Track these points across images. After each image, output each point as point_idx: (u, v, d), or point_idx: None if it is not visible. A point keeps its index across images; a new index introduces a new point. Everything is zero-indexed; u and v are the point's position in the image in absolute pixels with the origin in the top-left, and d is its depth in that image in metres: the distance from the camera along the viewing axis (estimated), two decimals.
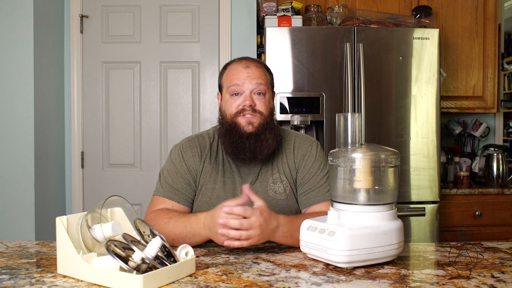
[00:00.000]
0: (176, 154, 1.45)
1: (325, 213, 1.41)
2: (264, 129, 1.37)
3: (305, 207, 1.43)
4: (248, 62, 1.42)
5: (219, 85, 1.49)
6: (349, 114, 1.16)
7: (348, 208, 1.10)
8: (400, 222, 1.12)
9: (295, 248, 1.25)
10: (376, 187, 1.12)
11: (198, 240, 1.22)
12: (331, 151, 1.18)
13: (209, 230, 1.18)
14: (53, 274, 1.02)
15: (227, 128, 1.38)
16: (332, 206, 1.15)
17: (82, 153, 2.77)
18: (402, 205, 2.36)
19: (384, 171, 1.13)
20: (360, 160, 1.11)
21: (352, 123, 1.15)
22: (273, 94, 1.48)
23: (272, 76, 1.48)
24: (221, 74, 1.48)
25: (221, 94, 1.47)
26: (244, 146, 1.35)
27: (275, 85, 1.54)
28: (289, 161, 1.46)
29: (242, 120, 1.37)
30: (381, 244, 1.06)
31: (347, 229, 1.04)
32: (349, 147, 1.15)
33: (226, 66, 1.47)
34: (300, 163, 1.45)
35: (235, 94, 1.38)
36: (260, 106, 1.38)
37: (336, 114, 1.19)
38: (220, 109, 1.46)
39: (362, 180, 1.10)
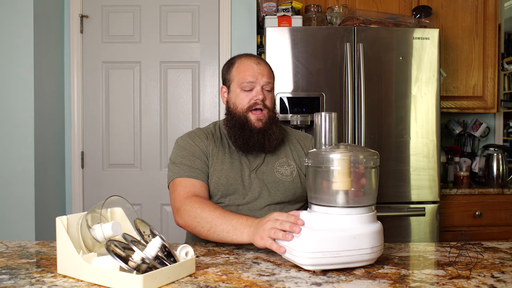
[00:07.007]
0: (185, 141, 1.51)
1: None
2: (271, 123, 1.48)
3: None
4: (258, 59, 1.51)
5: (225, 79, 1.54)
6: (324, 114, 1.12)
7: (320, 210, 1.07)
8: (378, 225, 1.08)
9: None
10: (353, 189, 1.07)
11: (235, 238, 1.21)
12: (309, 151, 1.14)
13: (254, 230, 1.16)
14: (53, 274, 1.02)
15: (239, 122, 1.46)
16: (309, 207, 1.12)
17: (82, 153, 2.77)
18: (402, 205, 2.36)
19: (361, 173, 1.08)
20: (338, 161, 1.06)
21: (329, 122, 1.11)
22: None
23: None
24: (228, 68, 1.52)
25: (228, 88, 1.52)
26: (254, 140, 1.45)
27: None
28: (297, 149, 1.57)
29: (252, 117, 1.46)
30: (349, 248, 1.01)
31: (311, 230, 1.02)
32: (327, 148, 1.11)
33: (233, 61, 1.52)
34: None
35: (247, 89, 1.46)
36: (269, 102, 1.49)
37: (314, 114, 1.15)
38: (228, 102, 1.52)
39: (339, 181, 1.06)
